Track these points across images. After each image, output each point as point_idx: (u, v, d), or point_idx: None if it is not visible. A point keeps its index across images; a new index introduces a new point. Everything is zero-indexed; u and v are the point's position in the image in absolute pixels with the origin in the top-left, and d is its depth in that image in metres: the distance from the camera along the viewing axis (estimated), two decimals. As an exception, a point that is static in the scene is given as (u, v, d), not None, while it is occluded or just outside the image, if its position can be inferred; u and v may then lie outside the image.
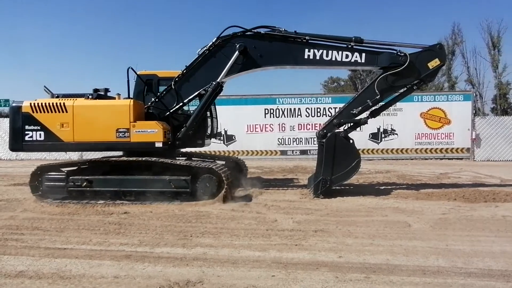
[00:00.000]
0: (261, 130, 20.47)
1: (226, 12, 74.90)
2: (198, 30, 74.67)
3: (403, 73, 8.99)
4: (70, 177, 8.51)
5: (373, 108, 9.43)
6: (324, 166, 8.88)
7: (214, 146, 15.10)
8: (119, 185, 8.44)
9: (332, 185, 8.92)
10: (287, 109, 20.47)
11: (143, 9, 79.21)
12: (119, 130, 8.33)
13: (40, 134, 8.40)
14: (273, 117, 20.48)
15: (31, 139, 8.41)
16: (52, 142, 8.43)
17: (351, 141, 9.10)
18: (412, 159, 19.83)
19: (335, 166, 8.85)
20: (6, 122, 22.14)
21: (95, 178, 8.52)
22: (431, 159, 19.81)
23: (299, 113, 20.44)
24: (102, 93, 9.08)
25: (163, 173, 8.33)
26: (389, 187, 10.61)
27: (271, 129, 20.45)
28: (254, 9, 74.77)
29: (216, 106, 10.50)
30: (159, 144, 8.36)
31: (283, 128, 20.43)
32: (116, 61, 76.04)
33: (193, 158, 10.70)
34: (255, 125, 20.46)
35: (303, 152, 20.32)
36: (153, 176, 8.36)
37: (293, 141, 20.43)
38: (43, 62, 73.95)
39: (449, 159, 19.76)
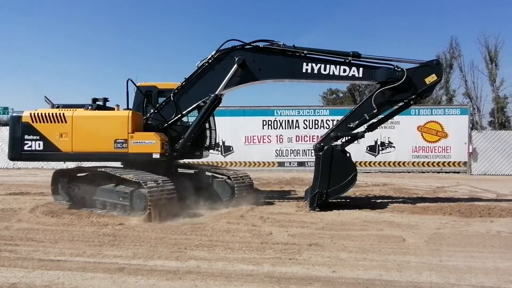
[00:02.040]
0: (259, 142, 20.54)
1: (225, 26, 75.55)
2: (196, 44, 75.14)
3: (400, 88, 9.07)
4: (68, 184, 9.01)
5: (370, 122, 9.50)
6: (320, 179, 8.90)
7: (211, 157, 15.10)
8: (92, 194, 8.70)
9: (328, 198, 8.93)
10: (285, 121, 20.58)
11: (146, 20, 79.84)
12: (117, 141, 8.35)
13: (39, 144, 8.43)
14: (271, 128, 20.58)
15: (30, 148, 8.43)
16: (50, 152, 8.46)
17: (348, 154, 9.15)
18: (409, 172, 19.91)
19: (331, 179, 8.87)
20: (4, 130, 22.16)
21: (80, 186, 8.89)
22: (428, 172, 19.87)
23: (297, 125, 20.54)
24: (101, 103, 9.14)
25: (120, 184, 8.26)
26: (386, 200, 10.63)
27: (269, 141, 20.52)
28: (253, 23, 75.47)
29: (214, 117, 10.54)
30: (156, 156, 8.37)
31: (281, 139, 20.50)
32: (117, 69, 76.41)
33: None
34: (253, 136, 20.54)
35: (301, 164, 20.37)
36: (110, 187, 8.42)
37: (290, 153, 20.49)
38: (43, 69, 74.20)
39: (446, 172, 19.83)
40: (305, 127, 20.53)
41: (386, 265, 5.06)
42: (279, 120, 20.59)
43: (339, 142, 9.47)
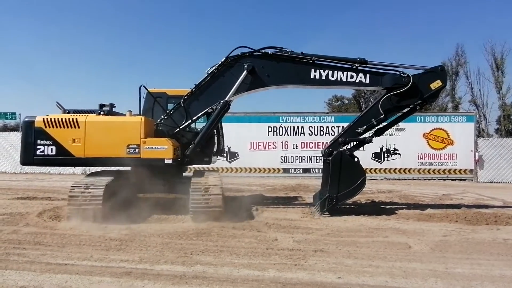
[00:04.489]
0: (264, 148, 20.57)
1: (232, 32, 76.03)
2: (203, 51, 75.57)
3: (406, 94, 9.18)
4: None
5: (377, 127, 9.60)
6: (330, 183, 9.00)
7: (217, 163, 15.11)
8: None
9: (338, 203, 9.03)
10: (291, 127, 20.61)
11: (150, 26, 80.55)
12: (130, 146, 8.39)
13: (51, 149, 8.43)
14: (277, 135, 20.60)
15: (42, 153, 8.43)
16: (63, 157, 8.46)
17: (356, 159, 9.25)
18: (415, 179, 19.81)
19: (341, 183, 8.98)
20: (12, 135, 22.40)
21: None
22: (434, 179, 19.77)
23: (302, 132, 20.56)
24: (108, 108, 9.21)
25: None
26: (391, 207, 10.61)
27: (274, 147, 20.54)
28: (260, 30, 75.86)
29: (222, 123, 10.54)
30: (168, 161, 8.43)
31: (286, 146, 20.52)
32: (121, 76, 77.02)
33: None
34: (258, 142, 20.57)
35: (306, 170, 20.36)
36: None
37: (296, 159, 20.50)
38: (48, 75, 74.88)
39: (452, 180, 19.72)
40: (311, 133, 20.55)
41: (392, 271, 5.07)
42: (285, 127, 20.63)
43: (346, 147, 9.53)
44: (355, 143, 9.54)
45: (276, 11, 77.50)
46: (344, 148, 9.47)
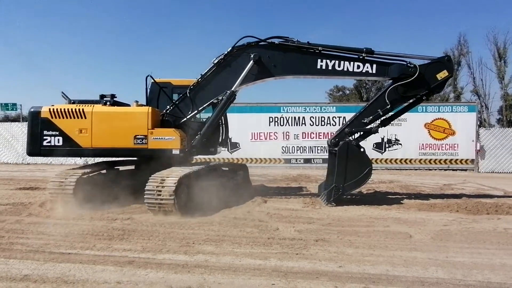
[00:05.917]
0: (265, 138, 20.57)
1: (234, 23, 75.48)
2: (200, 41, 75.12)
3: (413, 84, 9.18)
4: None
5: (383, 117, 9.62)
6: (336, 173, 9.05)
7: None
8: None
9: (344, 193, 9.10)
10: (292, 117, 20.59)
11: (155, 17, 79.98)
12: (137, 136, 8.38)
13: (58, 139, 8.43)
14: (278, 125, 20.60)
15: (49, 144, 8.43)
16: (70, 148, 8.45)
17: (362, 149, 9.28)
18: (416, 169, 19.84)
19: (347, 173, 9.03)
20: (14, 126, 22.43)
21: None
22: (435, 169, 19.80)
23: (303, 122, 20.55)
24: (109, 98, 9.17)
25: None
26: (392, 197, 10.64)
27: (275, 137, 20.55)
28: (263, 18, 75.35)
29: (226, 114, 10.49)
30: (176, 151, 8.43)
31: (287, 136, 20.53)
32: (119, 66, 76.74)
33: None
34: (260, 133, 20.58)
35: (307, 160, 20.40)
36: None
37: (297, 150, 20.51)
38: (50, 65, 74.67)
39: (453, 170, 19.75)
40: (312, 124, 20.54)
41: (392, 260, 5.10)
42: (286, 117, 20.60)
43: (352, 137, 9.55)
44: (361, 133, 9.57)
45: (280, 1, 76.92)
46: (350, 138, 9.47)
